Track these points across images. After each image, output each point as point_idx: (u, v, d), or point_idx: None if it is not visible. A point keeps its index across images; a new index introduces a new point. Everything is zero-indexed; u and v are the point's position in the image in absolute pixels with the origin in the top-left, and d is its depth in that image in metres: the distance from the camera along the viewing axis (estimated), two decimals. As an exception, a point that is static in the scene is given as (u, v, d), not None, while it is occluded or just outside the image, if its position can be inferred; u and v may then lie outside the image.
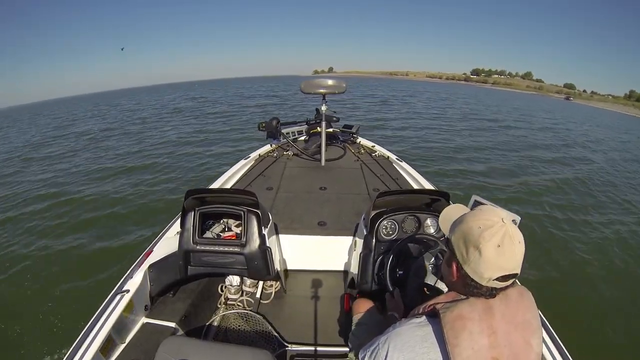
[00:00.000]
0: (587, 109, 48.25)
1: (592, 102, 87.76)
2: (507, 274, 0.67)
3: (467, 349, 0.65)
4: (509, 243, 0.65)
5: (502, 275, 0.67)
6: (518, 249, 0.66)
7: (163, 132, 11.64)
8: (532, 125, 16.12)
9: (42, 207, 5.23)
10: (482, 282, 0.68)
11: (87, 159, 8.50)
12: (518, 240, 0.67)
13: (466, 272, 0.70)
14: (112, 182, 6.41)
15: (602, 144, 13.14)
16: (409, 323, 0.75)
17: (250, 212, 1.59)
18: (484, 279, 0.68)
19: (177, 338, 1.20)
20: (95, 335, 1.24)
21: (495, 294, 0.70)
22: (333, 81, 3.00)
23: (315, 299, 1.97)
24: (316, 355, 1.60)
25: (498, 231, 0.66)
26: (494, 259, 0.66)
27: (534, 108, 30.21)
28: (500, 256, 0.65)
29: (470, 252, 0.68)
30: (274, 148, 3.72)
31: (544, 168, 7.96)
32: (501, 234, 0.66)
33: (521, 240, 0.67)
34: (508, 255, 0.66)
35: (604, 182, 7.27)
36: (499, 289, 0.69)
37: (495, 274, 0.66)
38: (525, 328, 0.70)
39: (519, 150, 9.65)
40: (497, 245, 0.65)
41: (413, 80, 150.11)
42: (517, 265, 0.67)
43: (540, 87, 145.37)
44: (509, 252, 0.66)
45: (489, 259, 0.66)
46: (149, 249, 1.70)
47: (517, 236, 0.67)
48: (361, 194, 2.58)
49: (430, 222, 1.50)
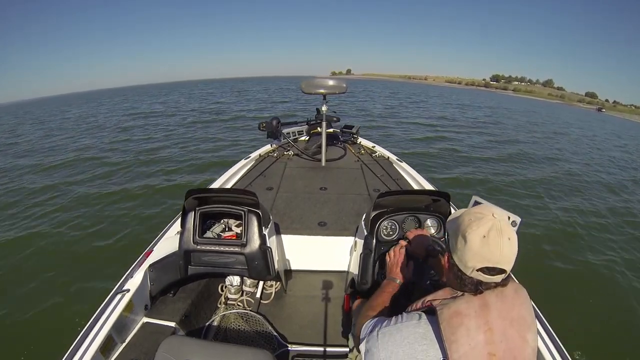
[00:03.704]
0: (629, 124, 40.76)
1: (627, 115, 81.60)
2: (491, 267, 0.68)
3: (464, 345, 0.66)
4: (495, 235, 0.67)
5: (486, 266, 0.68)
6: (505, 244, 0.67)
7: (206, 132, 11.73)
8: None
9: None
10: (467, 272, 0.71)
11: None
12: (507, 237, 0.68)
13: (454, 261, 0.74)
14: (111, 181, 6.41)
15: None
16: (409, 319, 0.76)
17: (251, 212, 1.59)
18: (468, 268, 0.70)
19: (177, 338, 1.19)
20: (95, 335, 1.24)
21: (482, 290, 0.71)
22: (333, 81, 3.01)
23: (315, 299, 1.97)
24: (316, 356, 1.60)
25: (486, 223, 0.68)
26: (477, 249, 0.68)
27: (580, 124, 26.05)
28: (484, 247, 0.67)
29: (458, 241, 0.72)
30: (274, 148, 3.72)
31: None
32: (488, 226, 0.68)
33: (511, 238, 0.68)
34: (492, 247, 0.67)
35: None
36: (484, 283, 0.70)
37: (478, 264, 0.68)
38: (520, 324, 0.71)
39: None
40: (482, 235, 0.68)
41: (432, 85, 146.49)
42: (502, 259, 0.68)
43: (562, 96, 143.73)
44: (494, 244, 0.67)
45: (472, 248, 0.68)
46: (149, 249, 1.70)
47: (507, 232, 0.68)
48: (361, 195, 2.58)
49: (430, 222, 1.50)
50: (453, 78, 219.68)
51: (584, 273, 3.68)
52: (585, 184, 7.33)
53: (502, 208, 1.01)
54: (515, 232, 0.70)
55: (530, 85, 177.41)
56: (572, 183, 7.28)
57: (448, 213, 1.46)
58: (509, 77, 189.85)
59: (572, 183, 7.28)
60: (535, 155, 9.72)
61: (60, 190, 5.97)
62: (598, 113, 73.33)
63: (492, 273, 0.69)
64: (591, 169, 8.94)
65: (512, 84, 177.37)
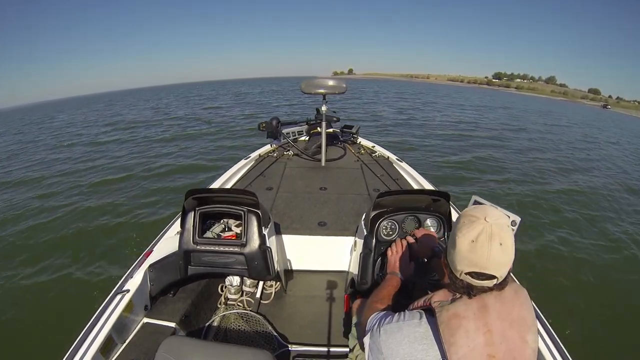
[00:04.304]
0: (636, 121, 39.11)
1: (634, 112, 77.90)
2: (479, 272, 0.67)
3: (463, 347, 0.66)
4: (484, 241, 0.66)
5: (474, 271, 0.68)
6: (495, 249, 0.66)
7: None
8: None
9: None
10: (456, 274, 0.72)
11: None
12: (499, 242, 0.66)
13: (447, 262, 0.75)
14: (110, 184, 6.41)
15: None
16: (411, 318, 0.76)
17: (251, 212, 1.59)
18: (457, 271, 0.71)
19: (177, 338, 1.19)
20: (96, 335, 1.24)
21: (473, 294, 0.71)
22: (333, 81, 3.01)
23: (315, 299, 1.97)
24: (317, 356, 1.60)
25: (476, 227, 0.67)
26: (465, 253, 0.68)
27: (588, 122, 24.52)
28: (471, 252, 0.67)
29: (450, 243, 0.73)
30: (274, 148, 3.72)
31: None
32: (477, 231, 0.67)
33: (504, 243, 0.66)
34: (479, 253, 0.66)
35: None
36: (475, 287, 0.70)
37: (466, 268, 0.69)
38: (520, 325, 0.70)
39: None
40: (471, 240, 0.67)
41: (434, 84, 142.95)
42: (489, 265, 0.67)
43: (565, 92, 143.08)
44: (482, 249, 0.66)
45: (460, 252, 0.69)
46: (149, 249, 1.70)
47: (499, 238, 0.66)
48: (361, 194, 2.58)
49: (430, 222, 1.50)
50: (455, 76, 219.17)
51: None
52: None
53: (502, 208, 1.01)
54: (513, 235, 0.69)
55: (533, 83, 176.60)
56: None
57: (448, 213, 1.46)
58: (510, 74, 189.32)
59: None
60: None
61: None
62: (604, 110, 71.08)
63: (480, 278, 0.68)
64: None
65: (515, 82, 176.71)
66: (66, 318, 2.69)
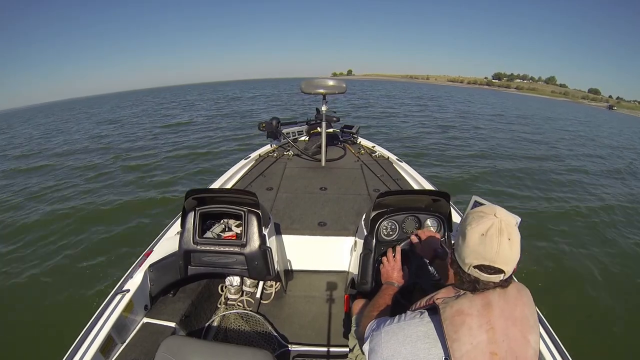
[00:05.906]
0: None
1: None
2: (488, 265, 0.68)
3: (466, 344, 0.66)
4: (494, 234, 0.67)
5: (482, 264, 0.69)
6: (505, 244, 0.67)
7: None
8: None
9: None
10: (464, 268, 0.72)
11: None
12: (507, 237, 0.67)
13: (455, 257, 0.76)
14: (109, 182, 6.40)
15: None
16: (412, 318, 0.76)
17: (251, 212, 1.59)
18: (465, 265, 0.71)
19: (177, 338, 1.19)
20: (96, 335, 1.24)
21: (479, 289, 0.71)
22: (333, 81, 3.00)
23: (315, 299, 1.97)
24: (317, 356, 1.60)
25: (486, 222, 0.69)
26: (474, 246, 0.69)
27: (597, 126, 21.97)
28: (481, 244, 0.68)
29: (459, 238, 0.74)
30: (274, 148, 3.72)
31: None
32: (487, 225, 0.68)
33: (512, 239, 0.68)
34: (489, 246, 0.67)
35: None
36: (482, 282, 0.71)
37: (474, 260, 0.69)
38: (523, 324, 0.71)
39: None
40: (481, 233, 0.68)
41: (435, 84, 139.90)
42: (498, 259, 0.68)
43: (565, 93, 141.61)
44: (492, 242, 0.67)
45: (470, 245, 0.70)
46: (149, 249, 1.70)
47: (508, 233, 0.68)
48: (361, 195, 2.58)
49: (430, 222, 1.50)
50: (455, 77, 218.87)
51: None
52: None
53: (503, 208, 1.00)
54: (519, 234, 0.70)
55: (533, 83, 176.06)
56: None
57: (448, 213, 1.46)
58: (510, 74, 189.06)
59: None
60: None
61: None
62: (610, 111, 67.28)
63: (488, 272, 0.69)
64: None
65: (515, 82, 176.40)
66: (66, 318, 2.69)
